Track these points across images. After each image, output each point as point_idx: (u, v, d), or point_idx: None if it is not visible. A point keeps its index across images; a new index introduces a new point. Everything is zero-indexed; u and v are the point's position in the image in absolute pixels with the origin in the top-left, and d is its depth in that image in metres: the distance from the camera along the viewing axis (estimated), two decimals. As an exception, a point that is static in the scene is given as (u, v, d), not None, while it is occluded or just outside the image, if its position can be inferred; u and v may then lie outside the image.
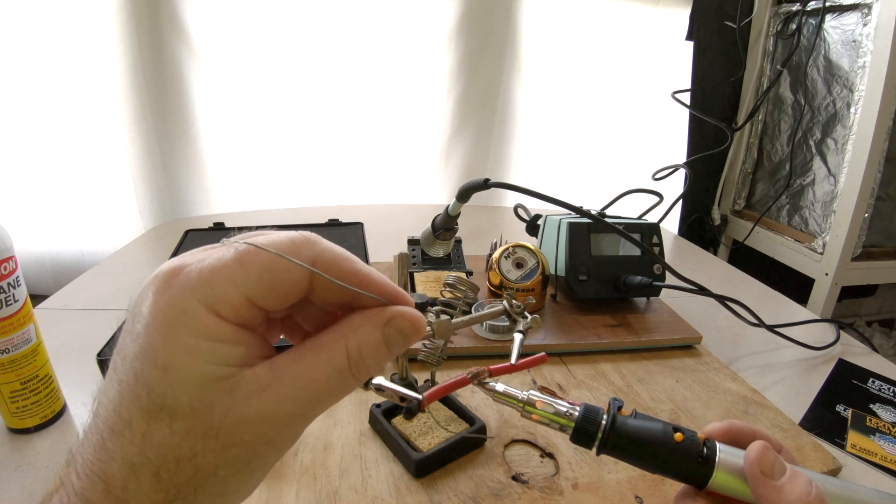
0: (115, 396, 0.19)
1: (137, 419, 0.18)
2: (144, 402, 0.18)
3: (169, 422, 0.18)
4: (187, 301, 0.19)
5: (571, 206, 0.61)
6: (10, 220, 1.24)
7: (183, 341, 0.18)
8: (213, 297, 0.19)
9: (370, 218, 0.97)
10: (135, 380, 0.18)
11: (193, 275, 0.19)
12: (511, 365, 0.38)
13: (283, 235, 0.21)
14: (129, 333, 0.19)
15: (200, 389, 0.18)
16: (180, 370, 0.18)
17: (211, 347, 0.19)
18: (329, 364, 0.20)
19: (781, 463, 0.27)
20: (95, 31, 1.14)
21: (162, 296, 0.19)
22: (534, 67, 1.39)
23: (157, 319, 0.19)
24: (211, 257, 0.20)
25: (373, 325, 0.22)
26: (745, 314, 0.67)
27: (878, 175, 1.16)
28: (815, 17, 1.27)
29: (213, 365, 0.19)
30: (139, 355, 0.18)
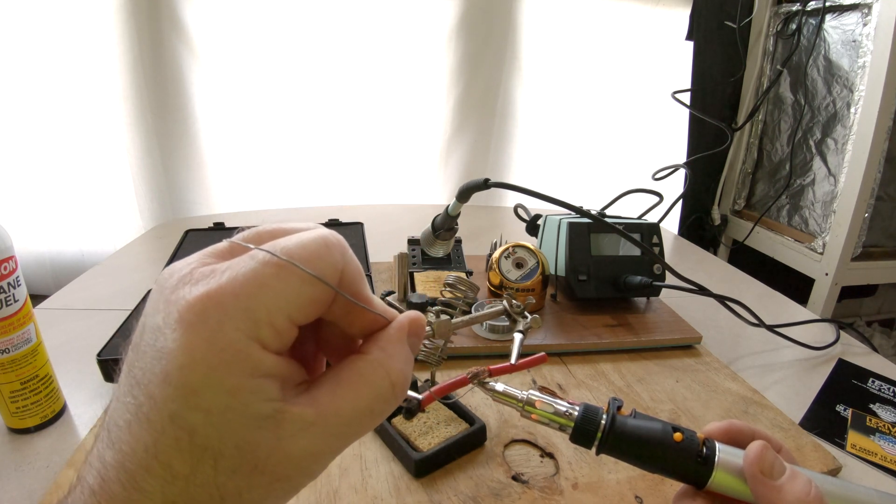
0: (145, 436, 0.17)
1: (178, 461, 0.17)
2: (186, 444, 0.17)
3: (213, 463, 0.17)
4: (228, 336, 0.17)
5: (571, 206, 0.61)
6: (10, 220, 1.24)
7: (227, 382, 0.17)
8: (256, 325, 0.17)
9: (370, 218, 0.97)
10: (171, 422, 0.17)
11: (230, 301, 0.17)
12: (511, 365, 0.38)
13: (310, 237, 0.19)
14: (155, 373, 0.17)
15: (246, 430, 0.17)
16: (225, 413, 0.17)
17: (255, 385, 0.18)
18: (375, 395, 0.20)
19: (781, 463, 0.27)
20: (95, 31, 1.14)
21: (198, 332, 0.17)
22: (534, 67, 1.40)
23: (196, 360, 0.17)
24: (242, 273, 0.18)
25: (401, 343, 0.22)
26: (745, 314, 0.67)
27: (878, 175, 1.16)
28: (815, 17, 1.27)
29: (258, 403, 0.18)
30: (175, 398, 0.17)
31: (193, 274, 0.18)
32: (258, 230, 0.21)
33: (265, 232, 0.21)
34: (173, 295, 0.18)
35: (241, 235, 0.21)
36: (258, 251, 0.18)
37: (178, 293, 0.18)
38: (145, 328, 0.18)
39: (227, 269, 0.18)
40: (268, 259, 0.18)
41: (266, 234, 0.21)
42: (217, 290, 0.17)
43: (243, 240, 0.21)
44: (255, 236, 0.21)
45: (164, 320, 0.17)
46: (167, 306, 0.18)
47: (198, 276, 0.18)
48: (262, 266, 0.18)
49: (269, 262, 0.18)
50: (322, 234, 0.20)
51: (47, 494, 0.40)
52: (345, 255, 0.20)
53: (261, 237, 0.21)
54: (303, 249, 0.19)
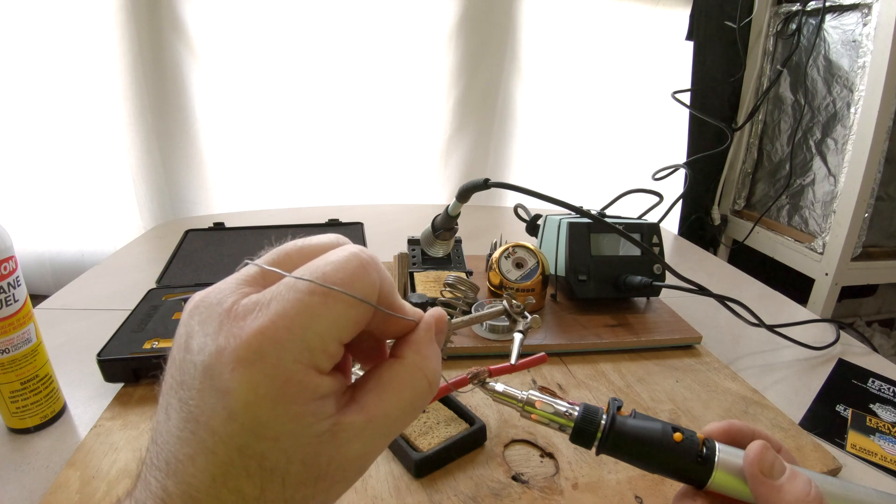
0: (212, 469, 0.18)
1: (248, 486, 0.18)
2: (255, 469, 0.18)
3: (282, 481, 0.18)
4: (288, 369, 0.18)
5: (571, 206, 0.61)
6: (10, 220, 1.24)
7: (291, 410, 0.18)
8: (312, 353, 0.18)
9: (370, 218, 0.97)
10: (239, 454, 0.18)
11: (284, 335, 0.18)
12: (511, 365, 0.38)
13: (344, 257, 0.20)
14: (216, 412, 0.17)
15: (309, 447, 0.19)
16: (291, 437, 0.18)
17: (315, 408, 0.19)
18: (415, 395, 0.22)
19: (781, 462, 0.27)
20: (95, 31, 1.14)
21: (258, 370, 0.17)
22: (534, 67, 1.40)
23: (261, 397, 0.17)
24: (290, 305, 0.18)
25: (431, 343, 0.23)
26: (745, 314, 0.67)
27: (878, 175, 1.16)
28: (815, 17, 1.27)
29: (319, 423, 0.19)
30: (241, 432, 0.17)
31: (238, 308, 0.19)
32: (286, 250, 0.21)
33: (293, 251, 0.21)
34: (222, 332, 0.18)
35: (269, 258, 0.21)
36: (299, 280, 0.19)
37: (227, 329, 0.18)
38: (195, 365, 0.18)
39: (272, 300, 0.18)
40: (312, 288, 0.18)
41: (294, 254, 0.21)
42: (270, 325, 0.18)
43: (272, 262, 0.21)
44: (284, 257, 0.21)
45: (217, 359, 0.18)
46: (217, 343, 0.18)
47: (242, 310, 0.18)
48: (308, 296, 0.18)
49: (315, 290, 0.18)
50: (354, 252, 0.20)
51: (47, 494, 0.40)
52: (380, 271, 0.21)
53: (290, 257, 0.21)
54: (342, 273, 0.19)
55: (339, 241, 0.22)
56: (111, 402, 0.51)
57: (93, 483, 0.41)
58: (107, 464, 0.43)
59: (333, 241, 0.22)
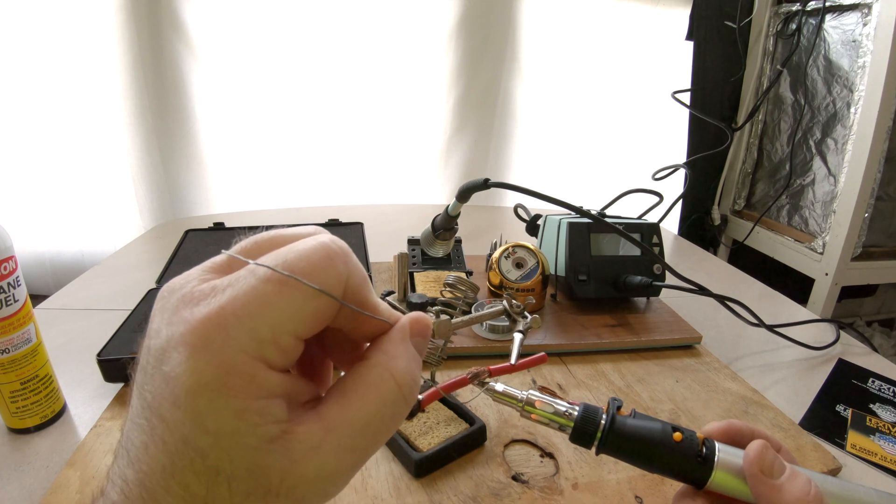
0: (162, 458, 0.17)
1: (194, 483, 0.17)
2: (199, 466, 0.17)
3: (227, 485, 0.17)
4: (233, 358, 0.17)
5: (571, 206, 0.61)
6: (10, 220, 1.24)
7: (233, 406, 0.17)
8: (261, 345, 0.17)
9: (370, 218, 0.97)
10: (184, 445, 0.17)
11: (233, 322, 0.17)
12: (511, 365, 0.38)
13: (310, 246, 0.18)
14: (165, 397, 0.17)
15: (255, 453, 0.17)
16: (233, 436, 0.17)
17: (261, 406, 0.17)
18: (382, 401, 0.19)
19: (781, 462, 0.27)
20: (95, 31, 1.14)
21: (202, 355, 0.17)
22: (534, 67, 1.40)
23: (202, 384, 0.16)
24: (243, 292, 0.17)
25: (404, 343, 0.21)
26: (745, 314, 0.67)
27: (878, 175, 1.16)
28: (815, 17, 1.27)
29: (266, 425, 0.17)
30: (184, 421, 0.17)
31: (194, 293, 0.18)
32: (256, 239, 0.20)
33: (263, 241, 0.20)
34: (175, 316, 0.17)
35: (239, 247, 0.20)
36: (258, 266, 0.18)
37: (179, 314, 0.17)
38: (150, 350, 0.18)
39: (228, 286, 0.18)
40: (269, 275, 0.17)
41: (265, 243, 0.20)
42: (218, 311, 0.17)
43: (241, 251, 0.20)
44: (254, 246, 0.20)
45: (167, 343, 0.17)
46: (169, 328, 0.17)
47: (198, 294, 0.18)
48: (263, 283, 0.17)
49: (271, 278, 0.17)
50: (322, 242, 0.19)
51: (47, 494, 0.40)
52: (348, 263, 0.19)
53: (259, 247, 0.20)
54: (305, 262, 0.18)
55: (314, 231, 0.21)
56: (111, 402, 0.51)
57: (93, 483, 0.41)
58: (107, 464, 0.43)
59: (308, 232, 0.20)
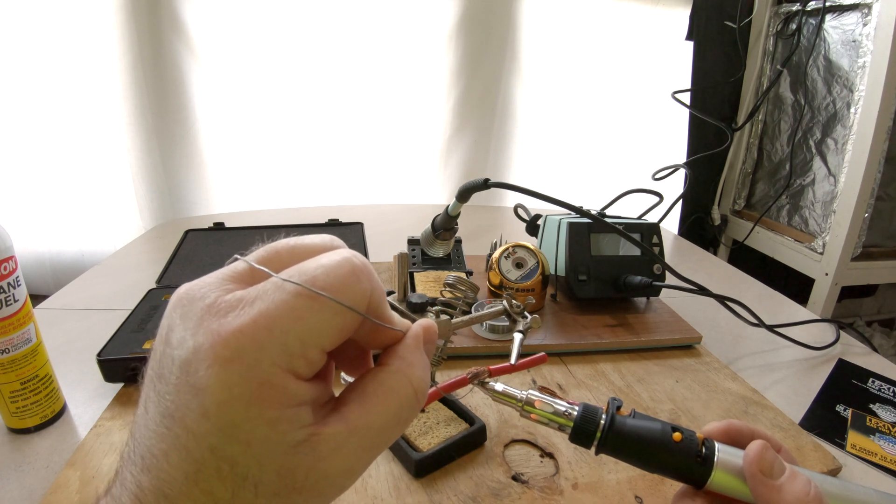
0: (185, 466, 0.17)
1: (219, 489, 0.17)
2: (227, 473, 0.17)
3: (254, 489, 0.18)
4: (265, 371, 0.17)
5: (571, 206, 0.61)
6: (10, 220, 1.24)
7: (265, 415, 0.17)
8: (291, 358, 0.18)
9: (370, 218, 0.97)
10: (211, 454, 0.17)
11: (264, 336, 0.17)
12: (511, 365, 0.38)
13: (336, 261, 0.19)
14: (191, 408, 0.17)
15: (284, 457, 0.18)
16: (264, 443, 0.17)
17: (291, 415, 0.18)
18: (400, 404, 0.21)
19: (780, 462, 0.27)
20: (95, 31, 1.14)
21: (234, 368, 0.17)
22: (534, 67, 1.40)
23: (234, 397, 0.17)
24: (273, 306, 0.18)
25: (419, 351, 0.22)
26: (745, 314, 0.67)
27: (878, 175, 1.16)
28: (815, 17, 1.27)
29: (295, 431, 0.18)
30: (213, 432, 0.17)
31: (219, 304, 0.18)
32: (276, 248, 0.21)
33: (283, 250, 0.21)
34: (201, 327, 0.18)
35: (257, 256, 0.21)
36: (286, 282, 0.18)
37: (207, 325, 0.17)
38: (173, 360, 0.18)
39: (256, 299, 0.18)
40: (299, 290, 0.18)
41: (285, 253, 0.21)
42: (251, 324, 0.17)
43: (260, 260, 0.20)
44: (274, 255, 0.21)
45: (194, 355, 0.17)
46: (196, 339, 0.17)
47: (225, 306, 0.18)
48: (293, 298, 0.18)
49: (301, 293, 0.18)
50: (347, 258, 0.19)
51: (47, 494, 0.40)
52: (371, 279, 0.20)
53: (280, 256, 0.21)
54: (332, 278, 0.18)
55: (333, 243, 0.21)
56: (111, 402, 0.51)
57: (93, 483, 0.41)
58: (107, 464, 0.43)
59: (327, 243, 0.21)
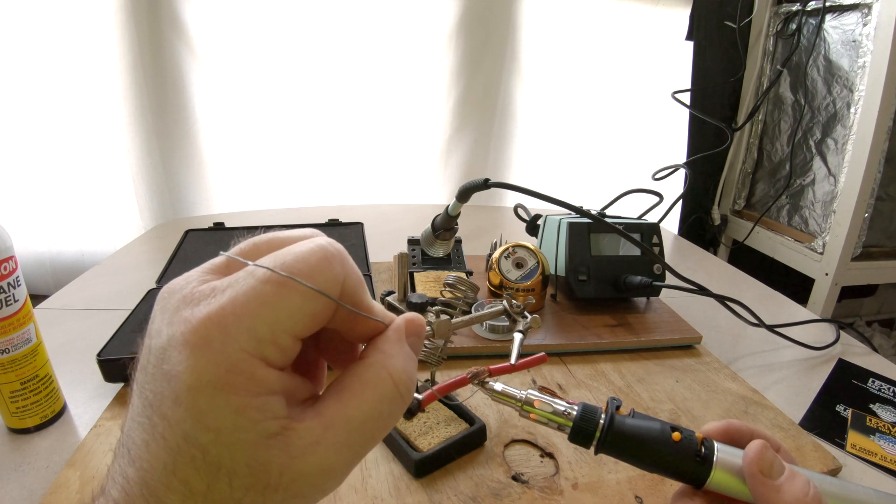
0: (164, 455, 0.18)
1: (195, 479, 0.17)
2: (200, 462, 0.17)
3: (228, 481, 0.18)
4: (233, 356, 0.17)
5: (571, 206, 0.61)
6: (10, 220, 1.24)
7: (233, 403, 0.17)
8: (260, 343, 0.18)
9: (370, 218, 0.97)
10: (185, 442, 0.17)
11: (232, 321, 0.17)
12: (511, 365, 0.38)
13: (308, 248, 0.19)
14: (166, 396, 0.17)
15: (255, 448, 0.17)
16: (233, 432, 0.17)
17: (261, 403, 0.18)
18: (379, 398, 0.20)
19: (780, 462, 0.27)
20: (95, 31, 1.14)
21: (203, 354, 0.17)
22: (534, 67, 1.39)
23: (204, 382, 0.17)
24: (243, 292, 0.18)
25: (400, 343, 0.22)
26: (745, 314, 0.67)
27: (878, 175, 1.16)
28: (815, 17, 1.27)
29: (265, 421, 0.18)
30: (186, 418, 0.17)
31: (194, 294, 0.18)
32: (255, 241, 0.21)
33: (262, 242, 0.21)
34: (176, 317, 0.18)
35: (237, 249, 0.21)
36: (257, 268, 0.18)
37: (180, 315, 0.18)
38: (151, 350, 0.18)
39: (228, 287, 0.18)
40: (268, 276, 0.18)
41: (263, 245, 0.21)
42: (219, 310, 0.17)
43: (240, 252, 0.20)
44: (252, 248, 0.21)
45: (168, 342, 0.18)
46: (170, 328, 0.18)
47: (198, 295, 0.18)
48: (262, 284, 0.18)
49: (270, 279, 0.18)
50: (320, 244, 0.19)
51: (47, 494, 0.40)
52: (345, 265, 0.20)
53: (258, 248, 0.21)
54: (303, 263, 0.18)
55: (312, 234, 0.21)
56: (111, 402, 0.51)
57: (93, 483, 0.41)
58: (107, 463, 0.43)
59: (305, 234, 0.21)
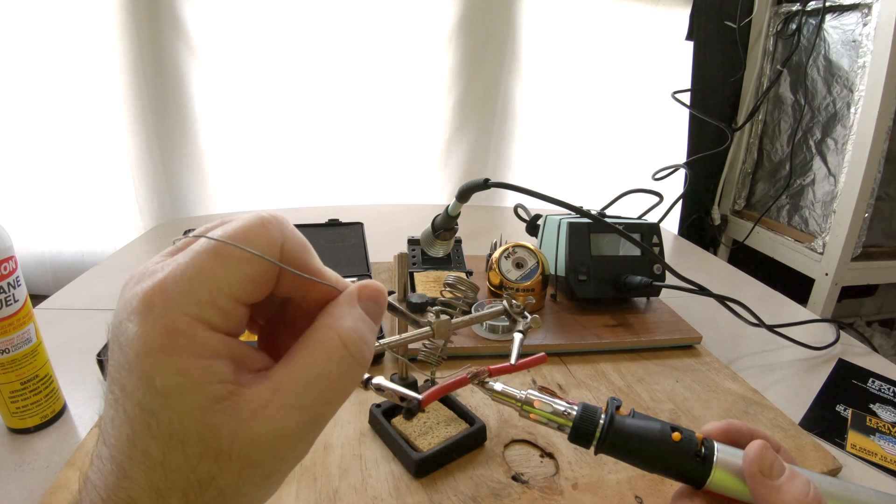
0: (124, 427, 0.18)
1: (153, 448, 0.18)
2: (155, 430, 0.18)
3: (181, 448, 0.18)
4: (175, 319, 0.18)
5: (571, 206, 0.61)
6: (10, 220, 1.24)
7: (177, 364, 0.18)
8: (200, 307, 0.18)
9: (370, 218, 0.97)
10: (140, 410, 0.18)
11: (173, 287, 0.18)
12: (511, 365, 0.38)
13: (246, 218, 0.20)
14: (122, 366, 0.18)
15: (203, 413, 0.18)
16: (180, 395, 0.18)
17: (206, 366, 0.18)
18: (326, 358, 0.20)
19: (780, 463, 0.27)
20: (95, 31, 1.14)
21: (147, 319, 0.18)
22: (534, 67, 1.39)
23: (148, 345, 0.18)
24: (182, 262, 0.19)
25: (351, 306, 0.22)
26: (745, 314, 0.67)
27: (878, 175, 1.16)
28: (815, 17, 1.27)
29: (211, 384, 0.18)
30: (139, 385, 0.18)
31: (145, 272, 0.19)
32: (206, 225, 0.22)
33: (213, 226, 0.22)
34: (129, 293, 0.19)
35: (193, 232, 0.22)
36: (199, 239, 0.19)
37: (133, 290, 0.19)
38: (110, 327, 0.19)
39: (173, 261, 0.19)
40: (207, 245, 0.19)
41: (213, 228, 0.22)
42: (162, 280, 0.18)
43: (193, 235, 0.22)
44: (204, 231, 0.21)
45: (121, 316, 0.19)
46: (124, 303, 0.19)
47: (148, 272, 0.19)
48: (201, 252, 0.19)
49: (208, 247, 0.19)
50: (257, 214, 0.20)
51: (47, 494, 0.40)
52: (283, 230, 0.20)
53: (207, 231, 0.21)
54: (239, 231, 0.19)
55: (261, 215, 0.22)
56: (111, 402, 0.51)
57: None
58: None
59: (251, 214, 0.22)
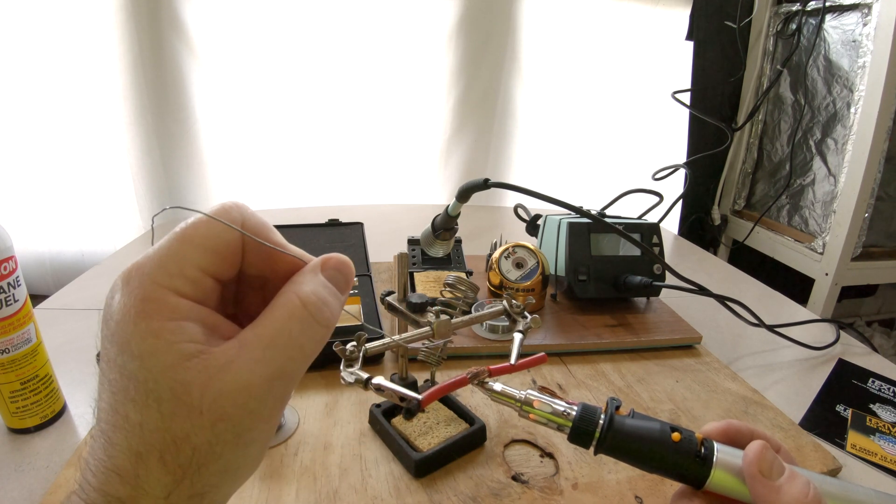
0: (108, 396, 0.20)
1: (132, 411, 0.19)
2: (133, 393, 0.19)
3: (157, 407, 0.19)
4: (147, 288, 0.20)
5: (571, 206, 0.61)
6: (10, 220, 1.24)
7: (151, 326, 0.19)
8: (170, 276, 0.20)
9: (370, 218, 0.97)
10: (120, 376, 0.20)
11: (146, 264, 0.21)
12: (511, 365, 0.38)
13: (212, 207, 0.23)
14: (107, 338, 0.20)
15: (174, 370, 0.19)
16: (154, 354, 0.19)
17: (177, 327, 0.20)
18: (288, 317, 0.22)
19: (780, 463, 0.27)
20: (95, 31, 1.14)
21: (124, 291, 0.20)
22: (534, 67, 1.39)
23: (126, 313, 0.20)
24: (156, 246, 0.22)
25: (313, 273, 0.24)
26: (745, 314, 0.67)
27: (878, 175, 1.16)
28: (815, 17, 1.27)
29: (182, 343, 0.20)
30: (119, 352, 0.20)
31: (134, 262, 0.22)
32: None
33: None
34: (118, 280, 0.21)
35: None
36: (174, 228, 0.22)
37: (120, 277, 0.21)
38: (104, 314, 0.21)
39: (152, 247, 0.22)
40: (175, 230, 0.22)
41: None
42: (138, 261, 0.21)
43: None
44: None
45: (108, 295, 0.21)
46: (111, 287, 0.21)
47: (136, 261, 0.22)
48: (170, 235, 0.22)
49: (176, 230, 0.22)
50: (221, 202, 0.23)
51: (47, 494, 0.40)
52: (242, 211, 0.23)
53: None
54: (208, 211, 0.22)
55: None
56: (111, 402, 0.51)
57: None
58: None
59: None
